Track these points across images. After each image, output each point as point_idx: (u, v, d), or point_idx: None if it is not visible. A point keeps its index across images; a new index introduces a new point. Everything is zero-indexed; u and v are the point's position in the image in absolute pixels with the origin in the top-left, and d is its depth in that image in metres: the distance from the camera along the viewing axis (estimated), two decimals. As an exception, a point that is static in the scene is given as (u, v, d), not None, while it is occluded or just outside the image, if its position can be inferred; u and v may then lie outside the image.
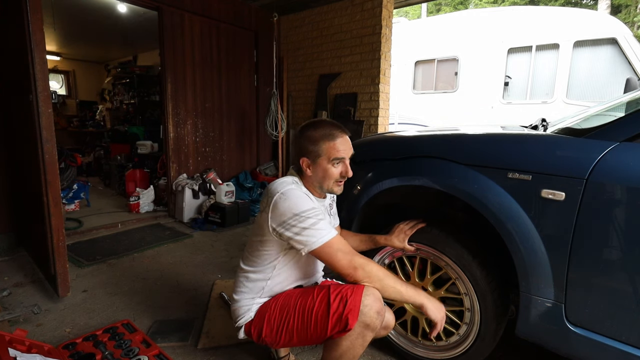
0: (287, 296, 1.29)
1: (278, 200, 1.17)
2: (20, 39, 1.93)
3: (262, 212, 1.25)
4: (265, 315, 1.28)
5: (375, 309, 1.15)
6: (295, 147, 1.30)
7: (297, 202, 1.17)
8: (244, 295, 1.33)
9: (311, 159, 1.25)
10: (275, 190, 1.20)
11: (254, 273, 1.32)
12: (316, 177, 1.27)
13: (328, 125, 1.25)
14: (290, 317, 1.23)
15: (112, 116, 7.08)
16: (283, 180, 1.26)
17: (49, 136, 1.87)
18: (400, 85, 5.78)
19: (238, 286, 1.36)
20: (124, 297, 2.14)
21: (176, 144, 3.84)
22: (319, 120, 1.29)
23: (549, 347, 1.23)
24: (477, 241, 1.39)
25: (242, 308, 1.33)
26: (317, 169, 1.25)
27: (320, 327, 1.18)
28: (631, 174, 1.02)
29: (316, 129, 1.24)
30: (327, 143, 1.22)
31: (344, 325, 1.13)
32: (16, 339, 1.38)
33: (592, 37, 4.34)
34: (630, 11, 12.35)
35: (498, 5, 13.98)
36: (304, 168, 1.27)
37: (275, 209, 1.18)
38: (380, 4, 3.78)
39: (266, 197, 1.24)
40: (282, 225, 1.17)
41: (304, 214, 1.15)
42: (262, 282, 1.32)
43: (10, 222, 2.75)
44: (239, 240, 3.23)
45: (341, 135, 1.24)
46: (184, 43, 3.77)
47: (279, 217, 1.17)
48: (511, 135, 1.38)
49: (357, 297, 1.15)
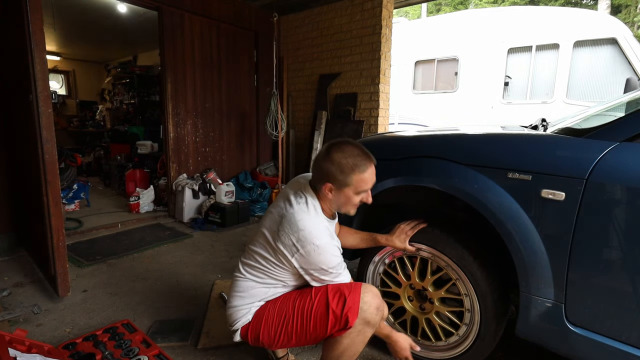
0: (285, 298, 1.30)
1: (312, 252, 1.16)
2: (20, 39, 1.93)
3: (283, 242, 1.19)
4: (263, 317, 1.28)
5: (374, 305, 1.18)
6: (318, 168, 1.22)
7: (329, 258, 1.20)
8: (243, 300, 1.32)
9: (336, 187, 1.20)
10: (309, 238, 1.16)
11: (259, 284, 1.30)
12: (336, 202, 1.25)
13: (358, 154, 1.18)
14: (289, 319, 1.24)
15: (112, 116, 7.08)
16: (310, 217, 1.20)
17: (49, 136, 1.87)
18: (400, 85, 5.78)
19: (236, 291, 1.33)
20: (124, 297, 2.14)
21: (176, 144, 3.84)
22: (347, 146, 1.20)
23: (549, 347, 1.23)
24: (478, 241, 1.39)
25: (240, 312, 1.32)
26: (340, 196, 1.22)
27: (319, 326, 1.19)
28: (631, 174, 1.02)
29: (346, 157, 1.17)
30: (357, 175, 1.17)
31: (345, 323, 1.15)
32: (16, 339, 1.38)
33: (592, 37, 4.34)
34: (630, 11, 12.35)
35: (498, 5, 13.98)
36: (325, 192, 1.22)
37: (307, 257, 1.18)
38: (380, 4, 3.78)
39: (292, 233, 1.17)
40: (307, 270, 1.21)
41: (331, 269, 1.21)
42: (265, 291, 1.32)
43: (10, 222, 2.75)
44: (239, 240, 3.23)
45: (371, 165, 1.20)
46: (184, 43, 3.77)
47: (307, 264, 1.20)
48: (511, 135, 1.38)
49: (356, 295, 1.17)
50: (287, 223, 1.19)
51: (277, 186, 4.14)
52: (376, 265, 1.62)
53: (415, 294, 1.54)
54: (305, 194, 1.27)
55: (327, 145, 1.24)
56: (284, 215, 1.22)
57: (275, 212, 1.27)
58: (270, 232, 1.24)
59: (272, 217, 1.27)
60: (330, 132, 4.33)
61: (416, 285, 1.52)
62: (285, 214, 1.22)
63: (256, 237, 1.31)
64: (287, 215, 1.21)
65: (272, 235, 1.23)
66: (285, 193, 1.32)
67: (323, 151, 1.23)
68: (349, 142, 1.21)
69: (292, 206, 1.23)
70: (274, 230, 1.22)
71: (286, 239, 1.19)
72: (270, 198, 4.16)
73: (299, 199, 1.25)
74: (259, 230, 1.31)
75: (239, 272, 1.35)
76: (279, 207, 1.27)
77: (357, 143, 1.23)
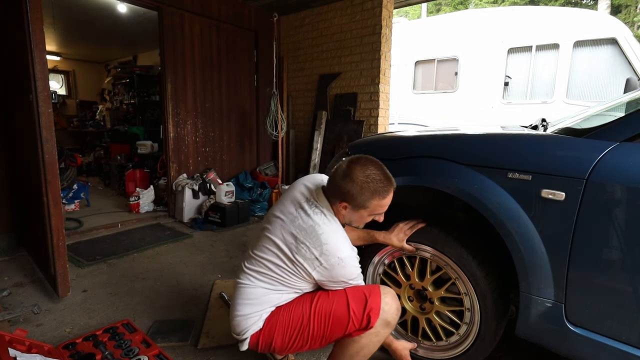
0: (300, 302, 1.26)
1: (336, 266, 1.16)
2: (20, 39, 1.93)
3: (303, 255, 1.16)
4: (277, 323, 1.24)
5: (395, 307, 1.21)
6: (337, 185, 1.18)
7: (351, 271, 1.21)
8: (253, 308, 1.25)
9: (352, 207, 1.18)
10: (333, 252, 1.15)
11: (272, 291, 1.25)
12: (347, 218, 1.24)
13: (381, 178, 1.15)
14: (307, 323, 1.22)
15: (112, 116, 7.08)
16: (333, 229, 1.18)
17: (49, 136, 1.87)
18: (400, 85, 5.78)
19: (245, 299, 1.26)
20: (124, 297, 2.14)
21: (176, 144, 3.84)
22: (370, 167, 1.16)
23: (549, 347, 1.23)
24: (477, 241, 1.39)
25: (250, 319, 1.25)
26: (354, 215, 1.21)
27: (338, 328, 1.19)
28: (631, 174, 1.02)
29: (368, 181, 1.14)
30: (376, 200, 1.16)
31: (367, 323, 1.16)
32: (16, 339, 1.38)
33: (592, 37, 4.34)
34: (630, 11, 12.36)
35: (498, 5, 13.98)
36: (339, 208, 1.20)
37: (330, 270, 1.17)
38: (380, 4, 3.78)
39: (315, 247, 1.15)
40: (328, 281, 1.21)
41: (351, 280, 1.22)
42: (279, 297, 1.27)
43: (10, 222, 2.75)
44: (239, 240, 3.23)
45: (391, 190, 1.18)
46: (184, 43, 3.77)
47: (329, 277, 1.19)
48: (511, 135, 1.38)
49: (377, 296, 1.19)
50: (308, 236, 1.16)
51: (277, 186, 4.14)
52: (375, 267, 1.62)
53: (415, 294, 1.54)
54: (320, 202, 1.23)
55: (348, 163, 1.18)
56: (302, 227, 1.17)
57: (288, 221, 1.21)
58: (285, 244, 1.19)
59: (284, 225, 1.21)
60: (330, 132, 4.33)
61: (416, 285, 1.52)
62: (304, 225, 1.18)
63: (263, 243, 1.25)
64: (307, 228, 1.17)
65: (288, 247, 1.18)
66: (294, 197, 1.26)
67: (344, 168, 1.17)
68: (372, 162, 1.17)
69: (309, 216, 1.19)
70: (291, 242, 1.18)
71: (307, 253, 1.15)
72: (270, 198, 4.16)
73: (314, 209, 1.21)
74: (265, 236, 1.25)
75: (245, 279, 1.27)
76: (290, 215, 1.22)
77: (380, 163, 1.18)
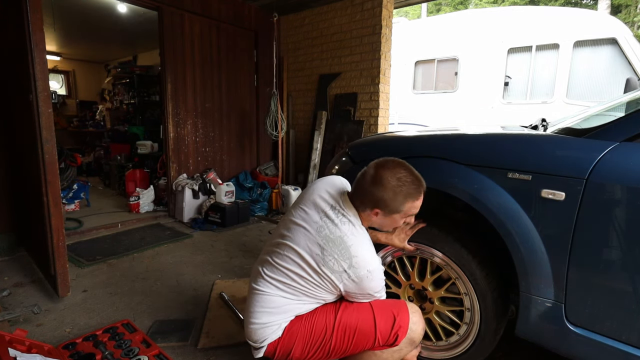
0: (324, 313, 1.23)
1: (364, 279, 1.14)
2: (20, 39, 1.93)
3: (330, 267, 1.13)
4: (298, 332, 1.20)
5: (421, 327, 1.22)
6: (366, 192, 1.14)
7: (379, 283, 1.19)
8: (273, 317, 1.21)
9: (385, 213, 1.15)
10: (362, 265, 1.12)
11: (294, 301, 1.21)
12: (379, 224, 1.20)
13: (412, 180, 1.12)
14: (330, 335, 1.19)
15: (112, 116, 7.09)
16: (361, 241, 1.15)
17: (49, 136, 1.87)
18: (400, 85, 5.78)
19: (265, 307, 1.20)
20: (124, 297, 2.14)
21: (176, 144, 3.84)
22: (399, 170, 1.13)
23: (549, 347, 1.23)
24: (477, 241, 1.39)
25: (270, 328, 1.21)
26: (386, 219, 1.18)
27: (363, 343, 1.18)
28: (631, 174, 1.02)
29: (400, 185, 1.11)
30: (410, 202, 1.13)
31: (393, 341, 1.16)
32: (16, 339, 1.38)
33: (592, 37, 4.34)
34: (630, 11, 12.36)
35: (498, 5, 13.98)
36: (370, 215, 1.17)
37: (358, 283, 1.14)
38: (380, 4, 3.78)
39: (344, 260, 1.12)
40: (355, 294, 1.19)
41: (377, 293, 1.21)
42: (300, 307, 1.23)
43: (10, 222, 2.75)
44: (238, 240, 3.23)
45: (423, 190, 1.14)
46: (184, 43, 3.77)
47: (357, 289, 1.17)
48: (511, 135, 1.38)
49: (405, 315, 1.19)
50: (336, 248, 1.12)
51: (277, 186, 4.14)
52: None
53: (415, 294, 1.54)
54: (347, 210, 1.19)
55: (376, 168, 1.15)
56: (329, 238, 1.13)
57: (313, 231, 1.16)
58: (311, 255, 1.14)
59: (308, 235, 1.16)
60: (330, 132, 4.33)
61: (416, 285, 1.52)
62: (331, 236, 1.14)
63: (285, 252, 1.19)
64: (334, 239, 1.13)
65: (314, 259, 1.14)
66: (316, 204, 1.21)
67: (372, 174, 1.14)
68: (401, 165, 1.14)
69: (337, 226, 1.15)
70: (317, 253, 1.14)
71: (335, 265, 1.12)
72: (270, 198, 4.16)
73: (341, 217, 1.17)
74: (286, 245, 1.19)
75: (265, 286, 1.21)
76: (315, 225, 1.17)
77: (407, 164, 1.15)
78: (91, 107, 7.74)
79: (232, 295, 2.10)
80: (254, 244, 3.13)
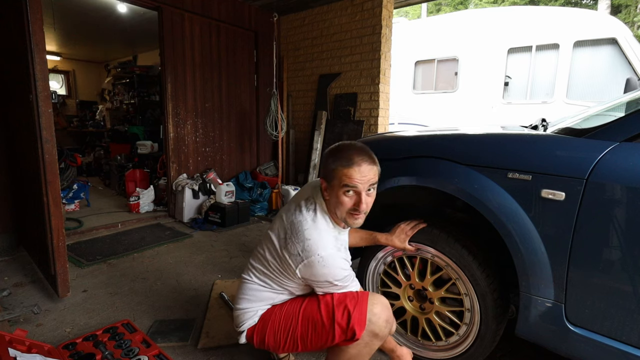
0: (292, 304, 1.28)
1: (316, 264, 1.13)
2: (20, 39, 1.93)
3: (289, 250, 1.16)
4: (269, 321, 1.27)
5: (384, 318, 1.16)
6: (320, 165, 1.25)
7: (335, 271, 1.15)
8: (251, 304, 1.31)
9: (327, 182, 1.18)
10: (313, 248, 1.13)
11: (267, 289, 1.29)
12: (331, 203, 1.20)
13: (352, 150, 1.15)
14: (295, 326, 1.22)
15: (112, 116, 7.09)
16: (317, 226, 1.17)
17: (49, 136, 1.87)
18: (400, 85, 5.78)
19: (245, 294, 1.32)
20: (124, 297, 2.14)
21: (176, 144, 3.84)
22: (347, 144, 1.19)
23: (549, 347, 1.23)
24: (477, 241, 1.39)
25: (247, 314, 1.31)
26: (332, 193, 1.18)
27: (325, 337, 1.18)
28: (631, 174, 1.02)
29: (339, 151, 1.16)
30: (341, 169, 1.13)
31: (351, 335, 1.13)
32: (16, 339, 1.38)
33: (592, 37, 4.34)
34: (630, 11, 12.35)
35: (498, 5, 13.98)
36: (323, 190, 1.21)
37: (310, 268, 1.14)
38: (380, 4, 3.78)
39: (298, 242, 1.15)
40: (313, 282, 1.19)
41: (337, 282, 1.17)
42: (273, 296, 1.31)
43: (10, 222, 2.75)
44: (238, 240, 3.23)
45: (360, 163, 1.12)
46: (184, 43, 3.77)
47: (311, 275, 1.16)
48: (511, 135, 1.38)
49: (363, 307, 1.15)
50: (295, 231, 1.17)
51: (277, 186, 4.14)
52: (378, 262, 1.62)
53: (415, 294, 1.54)
54: (317, 201, 1.24)
55: None
56: (292, 222, 1.19)
57: (285, 218, 1.24)
58: (277, 238, 1.22)
59: (281, 222, 1.25)
60: (331, 132, 4.33)
61: (416, 285, 1.52)
62: (294, 220, 1.19)
63: (265, 240, 1.29)
64: (295, 223, 1.18)
65: (279, 242, 1.21)
66: (297, 197, 1.30)
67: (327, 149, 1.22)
68: (352, 143, 1.19)
69: (301, 213, 1.20)
70: (282, 237, 1.20)
71: (292, 248, 1.16)
72: (270, 198, 4.16)
73: (309, 206, 1.22)
74: (267, 233, 1.29)
75: (247, 274, 1.34)
76: (289, 212, 1.24)
77: (362, 145, 1.18)
78: (91, 107, 7.73)
79: (232, 295, 2.09)
80: (254, 244, 3.13)
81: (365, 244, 1.52)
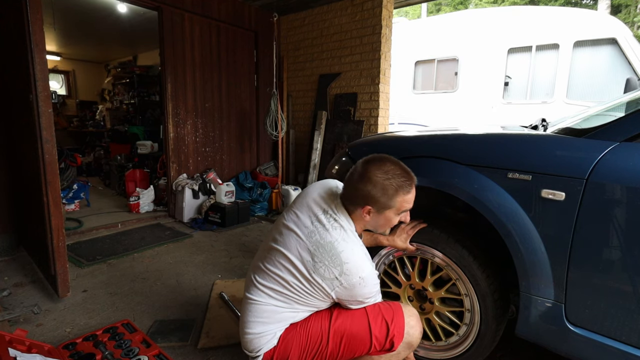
0: (318, 319, 1.21)
1: (357, 285, 1.11)
2: (20, 39, 1.93)
3: (321, 275, 1.10)
4: (293, 340, 1.19)
5: (419, 330, 1.19)
6: (355, 189, 1.13)
7: (372, 289, 1.16)
8: (267, 327, 1.19)
9: (377, 209, 1.12)
10: (354, 271, 1.09)
11: (287, 310, 1.19)
12: (373, 224, 1.17)
13: (401, 173, 1.10)
14: (326, 342, 1.17)
15: (112, 116, 7.08)
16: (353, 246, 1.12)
17: (49, 136, 1.87)
18: (400, 85, 5.78)
19: (258, 317, 1.18)
20: (124, 297, 2.14)
21: (176, 144, 3.84)
22: (387, 164, 1.11)
23: (549, 347, 1.22)
24: (478, 241, 1.39)
25: (264, 337, 1.19)
26: (380, 218, 1.14)
27: (359, 349, 1.17)
28: (631, 174, 1.02)
29: (389, 178, 1.08)
30: (401, 196, 1.09)
31: (389, 347, 1.14)
32: (16, 339, 1.38)
33: (592, 37, 4.34)
34: (630, 11, 12.36)
35: (498, 5, 13.98)
36: (363, 214, 1.14)
37: (350, 290, 1.12)
38: (380, 4, 3.78)
39: (334, 266, 1.09)
40: (347, 301, 1.17)
41: (370, 298, 1.18)
42: (294, 315, 1.21)
43: (10, 222, 2.75)
44: (238, 240, 3.23)
45: (413, 184, 1.11)
46: (184, 43, 3.77)
47: (348, 296, 1.14)
48: (511, 135, 1.38)
49: (401, 319, 1.16)
50: (327, 254, 1.09)
51: (277, 186, 4.14)
52: (381, 259, 1.61)
53: (415, 294, 1.54)
54: (339, 214, 1.16)
55: (363, 164, 1.13)
56: (320, 243, 1.11)
57: (304, 236, 1.13)
58: (301, 262, 1.12)
59: (299, 241, 1.14)
60: (331, 132, 4.33)
61: (416, 286, 1.52)
62: (322, 242, 1.11)
63: (276, 257, 1.17)
64: (325, 245, 1.10)
65: (305, 266, 1.11)
66: (309, 207, 1.20)
67: (360, 170, 1.12)
68: (388, 160, 1.12)
69: (327, 231, 1.12)
70: (308, 260, 1.11)
71: (326, 272, 1.09)
72: (270, 198, 4.16)
73: (332, 222, 1.14)
74: (277, 250, 1.17)
75: (257, 295, 1.19)
76: (306, 230, 1.14)
77: (395, 159, 1.13)
78: (91, 107, 7.74)
79: (232, 295, 2.09)
80: (254, 244, 3.13)
81: (367, 245, 1.52)
